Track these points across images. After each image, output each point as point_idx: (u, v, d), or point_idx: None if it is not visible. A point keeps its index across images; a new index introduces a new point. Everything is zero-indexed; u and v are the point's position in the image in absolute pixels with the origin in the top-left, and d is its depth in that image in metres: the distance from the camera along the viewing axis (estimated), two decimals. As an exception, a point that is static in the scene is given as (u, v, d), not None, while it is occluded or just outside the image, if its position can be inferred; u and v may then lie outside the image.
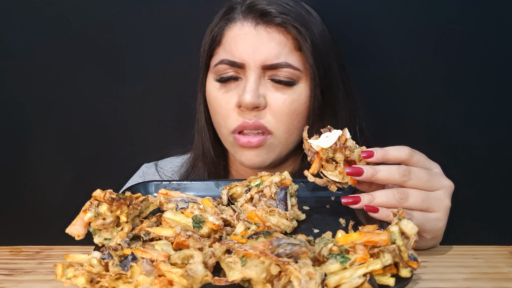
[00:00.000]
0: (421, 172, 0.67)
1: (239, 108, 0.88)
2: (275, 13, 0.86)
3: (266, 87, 0.88)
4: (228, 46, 0.89)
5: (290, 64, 0.87)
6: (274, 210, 0.67)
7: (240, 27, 0.88)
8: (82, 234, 0.63)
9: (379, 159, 0.67)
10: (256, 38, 0.87)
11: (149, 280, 0.51)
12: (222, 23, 0.91)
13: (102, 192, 0.63)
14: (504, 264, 0.66)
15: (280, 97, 0.88)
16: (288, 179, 0.74)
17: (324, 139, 0.68)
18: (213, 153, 0.98)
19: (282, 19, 0.86)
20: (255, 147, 0.89)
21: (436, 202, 0.67)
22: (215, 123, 0.94)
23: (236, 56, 0.87)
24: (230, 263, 0.50)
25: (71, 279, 0.52)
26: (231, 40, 0.89)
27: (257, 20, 0.87)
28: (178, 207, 0.67)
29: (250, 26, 0.88)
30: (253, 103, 0.85)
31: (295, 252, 0.50)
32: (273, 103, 0.87)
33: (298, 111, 0.89)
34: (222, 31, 0.90)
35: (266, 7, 0.87)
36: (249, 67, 0.87)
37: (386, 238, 0.54)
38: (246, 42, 0.87)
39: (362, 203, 0.66)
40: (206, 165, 0.99)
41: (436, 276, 0.62)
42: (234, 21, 0.89)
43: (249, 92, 0.85)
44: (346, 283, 0.51)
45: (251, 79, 0.86)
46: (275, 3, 0.88)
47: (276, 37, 0.87)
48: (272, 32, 0.87)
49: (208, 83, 0.94)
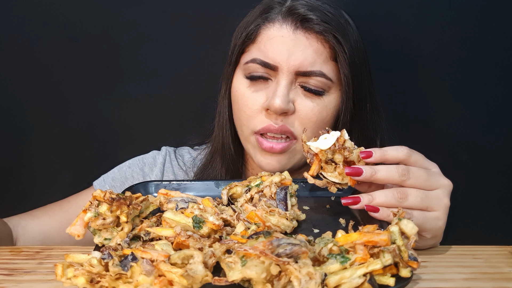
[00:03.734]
0: (420, 171, 0.67)
1: (266, 111, 0.86)
2: (316, 20, 0.85)
3: (296, 93, 0.86)
4: (263, 45, 0.87)
5: (324, 74, 0.85)
6: (274, 210, 0.67)
7: (278, 28, 0.86)
8: (82, 234, 0.63)
9: (377, 159, 0.67)
10: (293, 42, 0.85)
11: (149, 280, 0.51)
12: (259, 21, 0.88)
13: (102, 192, 0.63)
14: (504, 264, 0.66)
15: (309, 104, 0.86)
16: (288, 179, 0.74)
17: (323, 141, 0.68)
18: (233, 149, 0.95)
19: (323, 27, 0.85)
20: (278, 153, 0.87)
21: (435, 201, 0.67)
22: (237, 120, 0.92)
23: (270, 57, 0.85)
24: (230, 263, 0.50)
25: (71, 279, 0.52)
26: (267, 40, 0.87)
27: (296, 25, 0.85)
28: (178, 207, 0.67)
29: (289, 29, 0.86)
30: (283, 108, 0.83)
31: (295, 252, 0.50)
32: (302, 110, 0.86)
33: (325, 120, 0.88)
34: (258, 29, 0.88)
35: (308, 13, 0.85)
36: (282, 71, 0.85)
37: (386, 238, 0.54)
38: (283, 45, 0.85)
39: (362, 204, 0.66)
40: (225, 161, 0.96)
41: (436, 276, 0.62)
42: (272, 21, 0.87)
43: (279, 97, 0.83)
44: (346, 283, 0.51)
45: (282, 83, 0.85)
46: (316, 9, 0.86)
47: (313, 44, 0.85)
48: (310, 38, 0.85)
49: (235, 79, 0.91)
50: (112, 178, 1.00)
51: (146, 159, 1.03)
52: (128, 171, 1.01)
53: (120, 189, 0.98)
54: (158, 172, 1.01)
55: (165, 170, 1.02)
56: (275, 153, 0.87)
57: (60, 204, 0.96)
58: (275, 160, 0.88)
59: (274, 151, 0.87)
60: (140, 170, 1.01)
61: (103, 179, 1.00)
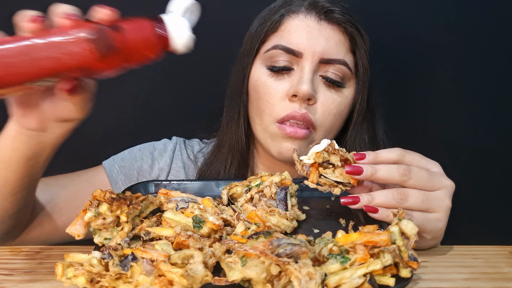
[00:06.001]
0: (421, 172, 0.66)
1: (290, 98, 0.86)
2: (339, 11, 0.89)
3: (318, 83, 0.88)
4: (286, 34, 0.88)
5: (347, 63, 0.88)
6: (274, 210, 0.67)
7: (302, 19, 0.89)
8: (82, 233, 0.63)
9: (371, 161, 0.67)
10: (318, 31, 0.87)
11: (149, 280, 0.51)
12: (282, 11, 0.90)
13: (102, 191, 0.63)
14: (504, 264, 0.66)
15: (331, 96, 0.88)
16: (288, 179, 0.73)
17: (315, 147, 0.69)
18: (244, 141, 0.95)
19: (345, 18, 0.88)
20: (300, 138, 0.87)
21: (436, 202, 0.67)
22: (256, 110, 0.91)
23: (294, 44, 0.87)
24: (230, 263, 0.50)
25: (71, 279, 0.52)
26: (291, 29, 0.88)
27: (320, 16, 0.88)
28: (178, 207, 0.67)
29: (313, 19, 0.88)
30: (310, 93, 0.84)
31: (295, 252, 0.50)
32: (324, 101, 0.87)
33: (342, 113, 0.90)
34: (281, 19, 0.90)
35: (331, 5, 0.89)
36: (307, 58, 0.86)
37: (386, 238, 0.54)
38: (308, 33, 0.87)
39: (361, 203, 0.66)
40: (235, 154, 0.96)
41: (436, 276, 0.62)
42: (296, 12, 0.89)
43: (306, 82, 0.84)
44: (346, 283, 0.51)
45: (307, 69, 0.86)
46: (337, 3, 0.90)
47: (336, 35, 0.88)
48: (334, 29, 0.88)
49: (254, 69, 0.92)
50: (122, 159, 1.00)
51: (157, 145, 1.04)
52: (138, 154, 1.01)
53: (128, 169, 0.98)
54: (168, 158, 1.01)
55: (175, 158, 1.02)
56: (297, 138, 0.87)
57: (71, 177, 0.95)
58: (297, 145, 0.88)
59: (298, 136, 0.87)
60: (150, 154, 1.01)
61: (113, 159, 1.00)
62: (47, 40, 0.53)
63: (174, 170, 1.01)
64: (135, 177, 0.98)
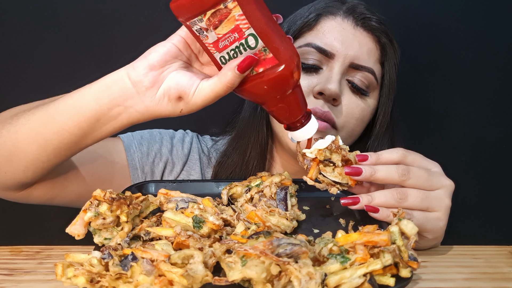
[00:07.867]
0: (421, 171, 0.67)
1: (315, 95, 0.86)
2: (376, 20, 0.89)
3: (344, 87, 0.88)
4: (321, 33, 0.89)
5: (374, 72, 0.88)
6: (274, 210, 0.67)
7: (340, 21, 0.89)
8: (82, 233, 0.63)
9: (373, 162, 0.67)
10: (353, 36, 0.88)
11: (149, 280, 0.51)
12: (320, 11, 0.91)
13: (102, 191, 0.63)
14: (504, 264, 0.66)
15: (355, 100, 0.88)
16: (288, 179, 0.74)
17: (319, 142, 0.69)
18: (266, 133, 0.95)
19: (381, 28, 0.89)
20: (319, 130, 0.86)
21: (436, 202, 0.67)
22: None
23: (328, 44, 0.87)
24: (230, 263, 0.50)
25: (71, 279, 0.52)
26: (327, 29, 0.89)
27: (357, 22, 0.89)
28: (178, 207, 0.67)
29: (350, 24, 0.89)
30: (337, 93, 0.84)
31: (295, 252, 0.50)
32: (348, 104, 0.88)
33: (365, 119, 0.91)
34: (318, 18, 0.90)
35: (369, 13, 0.90)
36: (338, 59, 0.86)
37: (386, 238, 0.54)
38: (343, 36, 0.87)
39: (361, 204, 0.66)
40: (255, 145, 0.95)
41: (436, 276, 0.62)
42: (334, 14, 0.90)
43: (334, 82, 0.85)
44: (346, 283, 0.51)
45: (337, 70, 0.86)
46: (374, 13, 0.91)
47: (369, 44, 0.89)
48: (368, 37, 0.89)
49: None
50: (141, 136, 0.97)
51: (176, 133, 1.03)
52: (158, 136, 0.99)
53: (146, 148, 0.95)
54: (186, 149, 1.00)
55: (192, 150, 1.01)
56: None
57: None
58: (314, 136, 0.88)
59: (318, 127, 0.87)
60: (170, 139, 1.00)
61: (132, 135, 0.97)
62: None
63: (191, 162, 1.00)
64: (152, 158, 0.96)
